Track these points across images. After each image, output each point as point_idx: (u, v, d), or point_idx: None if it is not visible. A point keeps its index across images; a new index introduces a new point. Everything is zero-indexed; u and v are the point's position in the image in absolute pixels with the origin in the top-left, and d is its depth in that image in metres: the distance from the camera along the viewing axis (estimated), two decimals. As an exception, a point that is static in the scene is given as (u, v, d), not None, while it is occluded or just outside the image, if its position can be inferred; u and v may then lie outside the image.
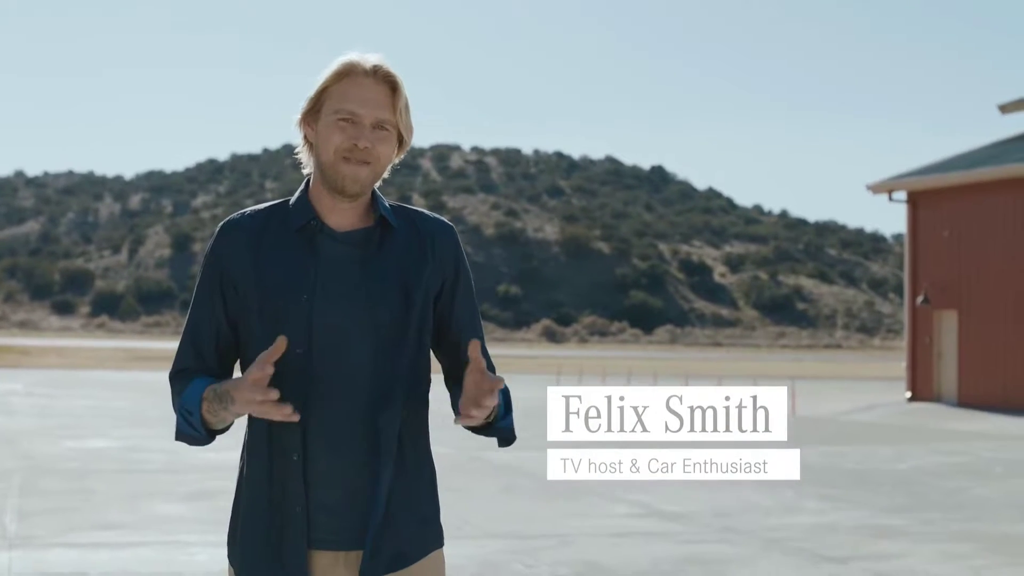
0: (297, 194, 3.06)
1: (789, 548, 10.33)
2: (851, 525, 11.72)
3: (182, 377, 3.02)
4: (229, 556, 3.06)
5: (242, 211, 3.08)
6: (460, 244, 3.12)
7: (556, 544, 10.34)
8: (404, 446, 3.00)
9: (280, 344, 2.78)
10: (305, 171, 3.08)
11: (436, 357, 3.17)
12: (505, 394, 3.04)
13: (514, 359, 75.59)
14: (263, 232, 3.01)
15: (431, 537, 3.10)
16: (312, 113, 3.00)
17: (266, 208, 3.07)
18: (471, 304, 3.14)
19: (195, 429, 2.94)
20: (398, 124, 2.99)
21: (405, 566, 3.01)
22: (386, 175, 3.05)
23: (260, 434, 2.97)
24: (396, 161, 3.07)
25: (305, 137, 3.04)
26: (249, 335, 2.99)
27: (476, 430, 3.07)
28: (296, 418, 2.81)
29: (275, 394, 2.77)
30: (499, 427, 3.06)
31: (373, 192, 3.05)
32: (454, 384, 3.14)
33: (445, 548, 3.16)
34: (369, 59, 2.96)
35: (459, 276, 3.10)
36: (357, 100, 2.93)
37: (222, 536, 3.26)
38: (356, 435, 2.93)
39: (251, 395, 2.78)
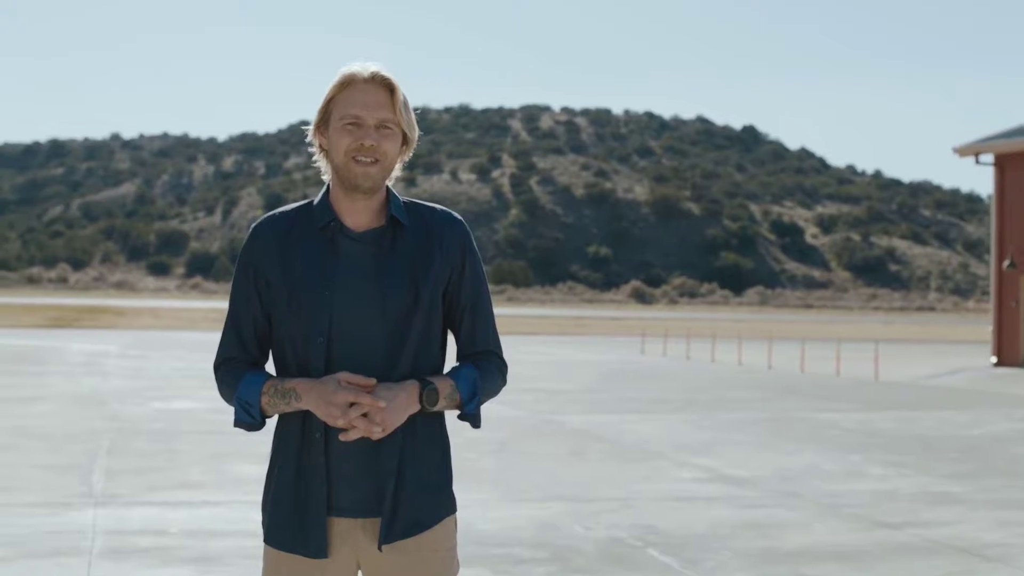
0: (319, 197, 3.41)
1: (846, 514, 10.54)
2: (911, 492, 11.88)
3: (230, 368, 3.43)
4: (262, 522, 3.41)
5: (272, 212, 3.45)
6: (469, 235, 3.45)
7: (617, 507, 10.63)
8: (415, 421, 3.32)
9: (368, 383, 3.20)
10: (325, 178, 3.41)
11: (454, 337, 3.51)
12: (472, 381, 3.36)
13: (600, 321, 75.88)
14: (290, 231, 3.38)
15: (444, 505, 3.40)
16: (322, 124, 3.36)
17: (293, 209, 3.44)
18: (477, 291, 3.46)
19: (253, 418, 3.36)
20: (400, 122, 3.31)
21: (420, 532, 3.32)
22: (397, 172, 3.39)
23: (295, 413, 3.32)
24: (405, 158, 3.41)
25: (320, 146, 3.39)
26: (279, 324, 3.35)
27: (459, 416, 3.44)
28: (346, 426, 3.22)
29: (355, 413, 3.18)
30: (465, 412, 3.40)
31: (389, 192, 3.38)
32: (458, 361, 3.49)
33: (509, 510, 3.48)
34: (368, 67, 3.30)
35: (465, 266, 3.42)
36: (359, 104, 3.28)
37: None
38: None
39: (332, 409, 3.19)
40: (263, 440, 14.15)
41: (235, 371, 3.40)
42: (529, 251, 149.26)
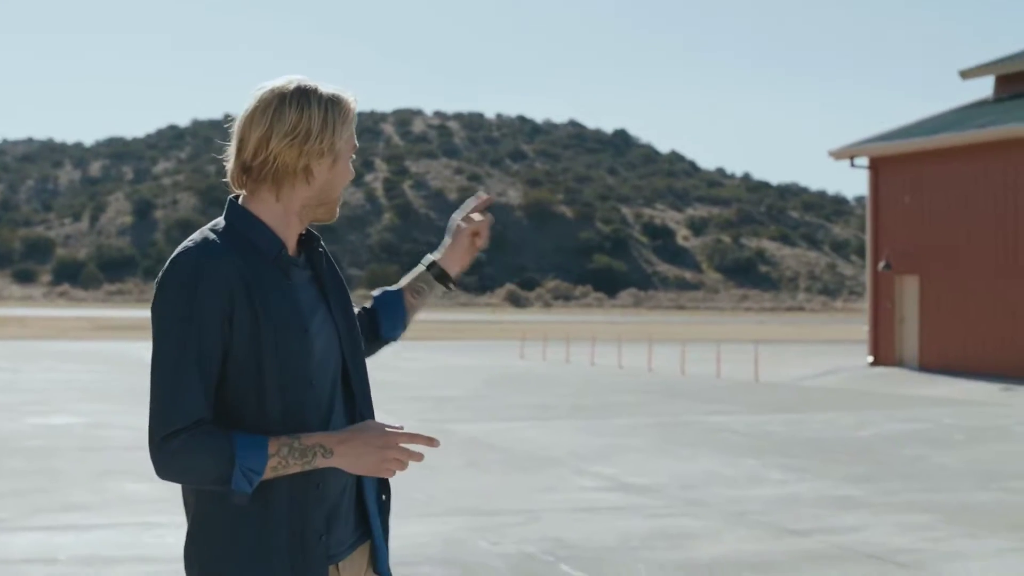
0: (249, 223, 2.96)
1: (752, 521, 10.45)
2: (813, 497, 11.85)
3: (204, 432, 2.79)
4: None
5: (204, 238, 2.90)
6: None
7: (523, 520, 10.41)
8: None
9: (428, 441, 2.92)
10: (269, 195, 2.96)
11: None
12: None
13: (476, 325, 75.65)
14: (244, 262, 2.89)
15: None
16: (329, 152, 2.96)
17: (222, 237, 2.92)
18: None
19: (252, 486, 2.80)
20: None
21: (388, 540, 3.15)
22: None
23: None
24: None
25: (309, 168, 2.94)
26: (255, 371, 2.87)
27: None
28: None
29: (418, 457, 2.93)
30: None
31: None
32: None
33: (412, 526, 3.25)
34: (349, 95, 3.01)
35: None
36: (353, 137, 3.03)
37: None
38: None
39: (389, 452, 2.85)
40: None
41: (216, 435, 2.78)
42: (403, 255, 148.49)
